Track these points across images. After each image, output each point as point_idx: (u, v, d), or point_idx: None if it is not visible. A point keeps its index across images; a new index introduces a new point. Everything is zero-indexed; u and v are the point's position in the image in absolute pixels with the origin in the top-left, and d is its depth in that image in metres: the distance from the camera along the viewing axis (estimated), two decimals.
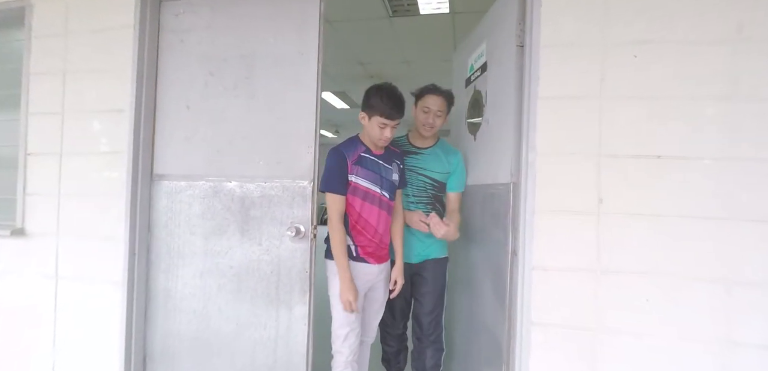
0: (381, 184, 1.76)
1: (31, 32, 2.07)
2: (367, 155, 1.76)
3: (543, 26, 1.48)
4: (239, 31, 1.90)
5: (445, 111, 1.96)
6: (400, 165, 1.88)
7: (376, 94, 1.71)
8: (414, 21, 3.73)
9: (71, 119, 2.01)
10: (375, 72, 5.42)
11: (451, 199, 2.00)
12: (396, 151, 1.91)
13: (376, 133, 1.70)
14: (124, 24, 1.93)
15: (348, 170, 1.72)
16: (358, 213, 1.75)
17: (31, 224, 2.06)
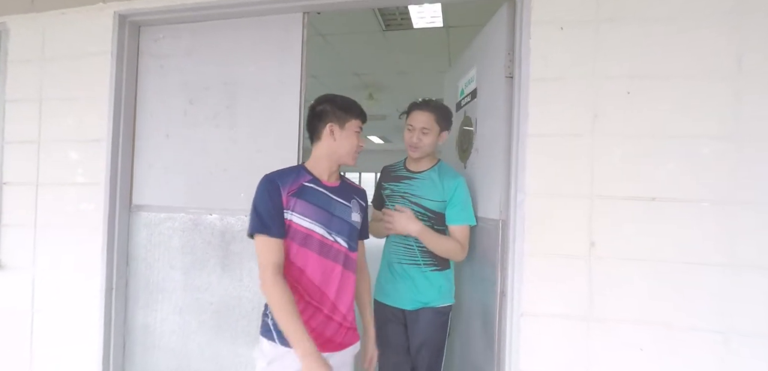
0: (330, 225, 1.27)
1: (6, 57, 2.01)
2: (313, 185, 1.28)
3: (532, 59, 1.41)
4: (221, 59, 1.83)
5: (434, 127, 1.66)
6: (363, 204, 1.43)
7: (341, 97, 1.35)
8: (408, 34, 3.66)
9: (47, 149, 1.95)
10: (370, 82, 5.36)
11: (452, 234, 1.64)
12: (358, 187, 1.45)
13: (354, 146, 1.32)
14: (101, 50, 1.86)
15: (284, 204, 1.23)
16: (297, 268, 1.23)
17: (7, 256, 1.99)
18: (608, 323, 1.35)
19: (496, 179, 1.59)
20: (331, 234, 1.27)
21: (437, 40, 3.75)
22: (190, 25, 1.86)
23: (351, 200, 1.36)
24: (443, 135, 1.71)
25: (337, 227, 1.28)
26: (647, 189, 1.32)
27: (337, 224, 1.29)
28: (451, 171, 1.71)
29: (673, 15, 1.32)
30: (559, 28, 1.39)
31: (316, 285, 1.24)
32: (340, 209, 1.31)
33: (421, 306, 1.65)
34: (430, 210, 1.65)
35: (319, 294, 1.25)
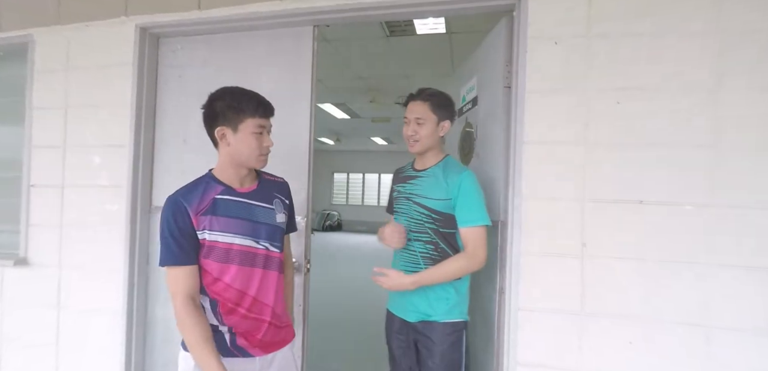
0: (255, 232, 1.22)
1: (33, 67, 2.13)
2: (227, 196, 1.21)
3: (529, 72, 1.51)
4: (235, 69, 1.94)
5: (430, 116, 1.49)
6: (286, 200, 1.36)
7: (231, 95, 1.22)
8: (411, 40, 3.76)
9: (72, 153, 2.07)
10: (375, 85, 5.47)
11: (462, 239, 1.46)
12: (278, 181, 1.38)
13: (255, 147, 1.20)
14: (123, 61, 1.98)
15: (194, 226, 1.16)
16: (223, 284, 1.19)
17: (34, 255, 2.12)
18: (599, 317, 1.45)
19: (495, 183, 1.69)
20: (260, 242, 1.23)
21: (440, 45, 3.85)
22: (207, 37, 1.98)
23: (273, 200, 1.29)
24: (444, 125, 1.51)
25: (265, 233, 1.24)
26: (635, 193, 1.42)
27: (264, 230, 1.24)
28: (457, 166, 1.53)
29: (659, 31, 1.41)
30: (554, 42, 1.49)
31: (246, 293, 1.21)
32: (263, 213, 1.25)
33: (424, 319, 1.48)
34: (435, 211, 1.47)
35: (246, 300, 1.21)
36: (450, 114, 1.55)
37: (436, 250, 1.48)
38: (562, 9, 1.48)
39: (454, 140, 2.32)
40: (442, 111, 1.52)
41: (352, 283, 6.03)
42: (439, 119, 1.51)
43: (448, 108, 1.54)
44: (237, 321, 1.22)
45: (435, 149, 1.56)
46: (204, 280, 1.19)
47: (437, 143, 1.55)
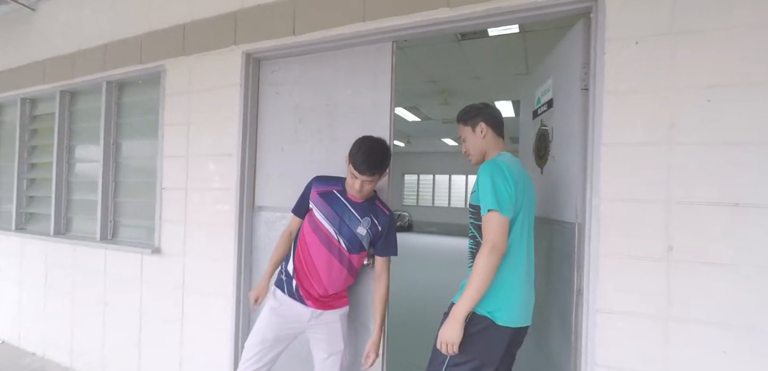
0: (339, 227, 1.68)
1: (164, 91, 2.60)
2: (340, 195, 1.72)
3: (607, 73, 1.51)
4: (323, 84, 2.18)
5: (468, 130, 1.63)
6: (379, 227, 1.72)
7: (356, 143, 1.65)
8: (483, 42, 3.78)
9: (193, 162, 2.49)
10: (446, 88, 5.53)
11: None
12: (384, 211, 1.74)
13: (349, 181, 1.66)
14: (232, 83, 2.34)
15: (309, 196, 1.76)
16: (305, 243, 1.71)
17: (165, 245, 2.58)
18: (688, 324, 1.40)
19: (571, 185, 1.70)
20: (339, 235, 1.70)
21: (513, 44, 3.81)
22: (299, 58, 2.25)
23: (364, 217, 1.71)
24: (479, 127, 1.57)
25: (344, 232, 1.70)
26: (729, 195, 1.35)
27: (345, 229, 1.70)
28: (487, 161, 1.49)
29: (757, 22, 1.33)
30: (634, 42, 1.47)
31: (315, 263, 1.70)
32: (350, 218, 1.71)
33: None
34: (472, 205, 1.51)
35: (314, 268, 1.71)
36: (478, 117, 1.59)
37: (475, 243, 1.50)
38: (644, 8, 1.46)
39: (529, 142, 2.33)
40: (471, 120, 1.61)
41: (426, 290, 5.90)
42: (473, 128, 1.61)
43: (471, 112, 1.61)
44: (304, 279, 1.72)
45: (489, 150, 1.58)
46: (298, 236, 1.78)
47: (488, 146, 1.59)
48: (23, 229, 3.45)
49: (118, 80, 2.87)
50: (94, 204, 2.95)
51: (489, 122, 1.58)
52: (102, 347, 2.89)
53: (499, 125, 1.61)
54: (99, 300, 2.89)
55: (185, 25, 2.52)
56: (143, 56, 2.68)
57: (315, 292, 1.72)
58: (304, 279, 1.72)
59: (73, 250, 3.04)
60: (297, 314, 1.73)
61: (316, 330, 1.76)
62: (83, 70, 2.99)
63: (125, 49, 2.77)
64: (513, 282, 1.43)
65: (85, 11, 3.06)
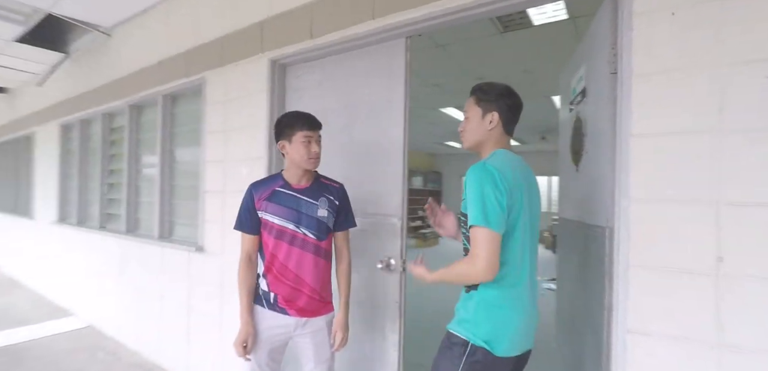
0: (298, 220, 1.60)
1: (205, 101, 2.80)
2: (284, 189, 1.62)
3: (635, 53, 1.29)
4: (341, 86, 2.18)
5: (476, 110, 1.36)
6: (336, 201, 1.67)
7: (286, 116, 1.63)
8: (528, 33, 3.52)
9: (230, 166, 2.63)
10: None
11: None
12: (334, 185, 1.71)
13: (304, 153, 1.56)
14: (260, 89, 2.44)
15: (256, 206, 1.61)
16: (271, 253, 1.61)
17: (208, 244, 2.77)
18: (744, 353, 1.13)
19: (603, 185, 1.49)
20: (300, 228, 1.60)
21: (564, 32, 3.48)
22: (320, 61, 2.27)
23: (319, 198, 1.64)
24: (490, 117, 1.32)
25: (305, 222, 1.61)
26: None
27: (305, 219, 1.61)
28: (480, 162, 1.28)
29: None
30: (670, 13, 1.23)
31: (287, 266, 1.60)
32: (307, 206, 1.62)
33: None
34: (463, 214, 1.29)
35: (288, 272, 1.60)
36: (495, 104, 1.31)
37: (464, 251, 1.32)
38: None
39: (566, 138, 2.10)
40: (485, 103, 1.33)
41: None
42: (483, 112, 1.33)
43: (490, 94, 1.33)
44: (280, 288, 1.61)
45: (487, 144, 1.34)
46: (262, 248, 1.65)
47: (490, 139, 1.34)
48: (104, 227, 3.94)
49: (170, 93, 3.15)
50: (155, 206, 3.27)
51: (504, 114, 1.33)
52: (159, 335, 3.18)
53: (512, 122, 1.37)
54: (157, 292, 3.19)
55: (222, 38, 2.68)
56: (188, 70, 2.91)
57: (300, 300, 1.62)
58: (283, 289, 1.61)
59: (139, 247, 3.40)
60: (281, 324, 1.63)
61: (302, 338, 1.66)
62: (145, 86, 3.33)
63: (175, 64, 3.03)
64: (513, 307, 1.24)
65: (145, 31, 3.41)
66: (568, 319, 1.96)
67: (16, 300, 4.86)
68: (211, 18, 2.79)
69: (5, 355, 3.28)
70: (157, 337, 3.19)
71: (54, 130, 4.85)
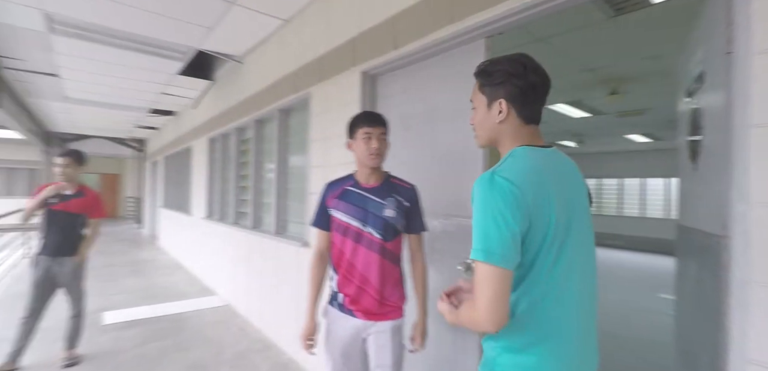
0: (365, 219, 1.60)
1: (310, 112, 3.15)
2: (354, 188, 1.66)
3: (754, 25, 1.07)
4: (423, 92, 2.25)
5: (480, 98, 1.07)
6: (405, 203, 1.64)
7: (353, 116, 1.70)
8: (644, 13, 3.07)
9: (329, 170, 2.92)
10: (610, 76, 4.68)
11: None
12: (404, 186, 1.69)
13: (364, 149, 1.60)
14: (353, 100, 2.65)
15: (327, 204, 1.68)
16: (339, 250, 1.64)
17: (312, 240, 3.10)
18: None
19: (717, 185, 1.26)
20: (366, 227, 1.60)
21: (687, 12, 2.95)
22: (404, 70, 2.38)
23: (386, 198, 1.62)
24: (497, 105, 1.01)
25: (372, 221, 1.60)
26: None
27: (371, 218, 1.61)
28: (483, 174, 0.96)
29: None
30: None
31: (353, 264, 1.62)
32: (374, 205, 1.61)
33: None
34: None
35: (355, 271, 1.62)
36: (501, 88, 1.00)
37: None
38: None
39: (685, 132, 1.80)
40: (490, 88, 1.03)
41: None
42: (488, 100, 1.03)
43: (494, 77, 1.01)
44: (347, 287, 1.64)
45: (502, 140, 1.03)
46: (332, 246, 1.69)
47: (501, 133, 1.02)
48: (237, 223, 4.71)
49: (284, 107, 3.62)
50: (272, 206, 3.80)
51: (515, 100, 0.99)
52: (276, 318, 3.67)
53: (530, 106, 1.00)
54: (274, 281, 3.69)
55: (322, 56, 2.99)
56: (296, 86, 3.32)
57: (365, 301, 1.61)
58: (350, 289, 1.62)
59: (261, 240, 3.98)
60: (350, 325, 1.64)
61: (368, 339, 1.66)
62: (265, 103, 3.90)
63: (286, 82, 3.48)
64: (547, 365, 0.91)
65: (265, 57, 3.99)
66: (686, 343, 1.67)
67: (178, 279, 6.11)
68: (312, 40, 3.14)
69: (170, 321, 4.17)
70: (275, 319, 3.69)
71: (204, 143, 5.97)
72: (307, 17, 3.27)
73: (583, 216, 0.99)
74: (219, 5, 3.29)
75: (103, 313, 4.35)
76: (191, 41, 4.09)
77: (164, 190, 9.44)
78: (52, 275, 3.03)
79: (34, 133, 9.10)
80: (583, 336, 0.95)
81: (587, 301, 0.97)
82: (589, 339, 0.97)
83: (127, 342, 3.61)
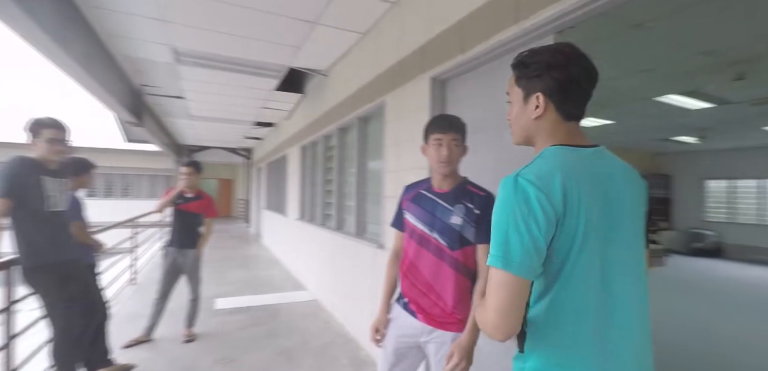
0: (432, 224, 1.58)
1: (385, 119, 3.29)
2: (426, 192, 1.66)
3: None
4: (491, 95, 2.21)
5: (517, 92, 1.00)
6: (476, 210, 1.53)
7: (428, 121, 1.68)
8: None
9: (402, 174, 3.02)
10: (735, 58, 3.96)
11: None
12: (478, 193, 1.58)
13: (434, 156, 1.59)
14: (422, 105, 2.71)
15: (403, 206, 1.73)
16: (405, 251, 1.68)
17: (387, 242, 3.23)
18: None
19: None
20: (433, 232, 1.58)
21: None
22: (473, 73, 2.36)
23: (455, 205, 1.57)
24: (534, 99, 0.94)
25: (439, 227, 1.57)
26: None
27: (438, 224, 1.58)
28: (507, 176, 0.92)
29: None
30: None
31: (417, 267, 1.61)
32: (442, 211, 1.58)
33: None
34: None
35: (418, 274, 1.61)
36: (539, 81, 0.92)
37: None
38: None
39: None
40: (526, 81, 0.96)
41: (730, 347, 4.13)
42: (524, 93, 0.96)
43: (531, 68, 0.94)
44: (411, 290, 1.64)
45: (538, 138, 0.96)
46: (404, 259, 1.71)
47: (537, 129, 0.96)
48: (323, 225, 5.09)
49: (362, 116, 3.83)
50: (353, 209, 4.04)
51: (553, 94, 0.92)
52: (356, 315, 3.89)
53: (572, 101, 0.92)
54: (353, 279, 3.91)
55: (394, 65, 3.11)
56: (372, 95, 3.49)
57: (428, 306, 1.59)
58: (413, 292, 1.63)
59: (344, 241, 4.25)
60: (409, 325, 1.63)
61: (427, 347, 1.61)
62: (347, 112, 4.16)
63: (364, 92, 3.68)
64: None
65: (345, 70, 4.26)
66: None
67: (275, 274, 6.80)
68: (386, 50, 3.28)
69: (267, 311, 4.69)
70: (355, 316, 3.91)
71: (297, 151, 6.57)
72: (382, 28, 3.43)
73: (631, 225, 0.90)
74: (304, 26, 3.63)
75: (215, 299, 5.07)
76: (283, 60, 4.57)
77: (266, 193, 10.58)
78: (177, 264, 3.66)
79: (168, 145, 10.93)
80: (629, 359, 0.86)
81: (634, 319, 0.88)
82: (640, 363, 0.88)
83: (232, 325, 4.16)
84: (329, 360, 3.37)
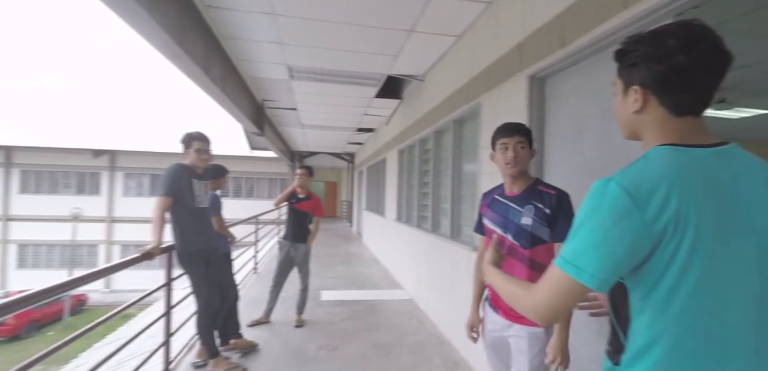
0: (505, 226, 1.66)
1: (481, 121, 3.25)
2: (499, 197, 1.74)
3: None
4: (597, 90, 2.04)
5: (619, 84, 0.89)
6: (546, 210, 1.58)
7: (494, 130, 1.74)
8: None
9: (497, 176, 2.94)
10: None
11: None
12: (549, 192, 1.62)
13: (501, 160, 1.67)
14: (520, 104, 2.62)
15: (481, 211, 1.82)
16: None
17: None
18: None
19: None
20: (507, 233, 1.65)
21: None
22: (576, 67, 2.21)
23: (525, 206, 1.62)
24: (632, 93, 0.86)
25: (511, 229, 1.65)
26: None
27: (511, 225, 1.65)
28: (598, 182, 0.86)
29: None
30: None
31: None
32: (513, 213, 1.65)
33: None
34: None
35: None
36: (637, 71, 0.81)
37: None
38: None
39: None
40: (625, 71, 0.85)
41: None
42: (624, 85, 0.86)
43: (629, 57, 0.83)
44: (491, 288, 1.71)
45: (645, 135, 0.86)
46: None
47: (641, 126, 0.85)
48: (419, 226, 5.20)
49: (458, 118, 3.83)
50: (448, 210, 4.06)
51: (655, 86, 0.80)
52: (451, 317, 3.90)
53: (679, 94, 0.79)
54: (449, 282, 3.93)
55: (490, 65, 3.05)
56: (468, 97, 3.47)
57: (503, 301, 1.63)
58: (492, 289, 1.74)
59: (439, 243, 4.30)
60: (494, 321, 1.74)
61: (509, 340, 1.69)
62: (442, 115, 4.21)
63: (460, 94, 3.68)
64: None
65: (441, 73, 4.30)
66: None
67: (374, 272, 7.15)
68: (482, 51, 3.23)
69: (365, 306, 4.98)
70: (449, 318, 3.92)
71: (394, 154, 6.82)
72: (477, 30, 3.39)
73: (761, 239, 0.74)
74: (401, 35, 3.79)
75: (321, 291, 5.56)
76: (382, 68, 4.81)
77: (366, 195, 11.16)
78: (290, 257, 4.15)
79: (283, 152, 12.28)
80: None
81: (755, 346, 0.73)
82: None
83: (336, 316, 4.52)
84: (423, 359, 3.45)
